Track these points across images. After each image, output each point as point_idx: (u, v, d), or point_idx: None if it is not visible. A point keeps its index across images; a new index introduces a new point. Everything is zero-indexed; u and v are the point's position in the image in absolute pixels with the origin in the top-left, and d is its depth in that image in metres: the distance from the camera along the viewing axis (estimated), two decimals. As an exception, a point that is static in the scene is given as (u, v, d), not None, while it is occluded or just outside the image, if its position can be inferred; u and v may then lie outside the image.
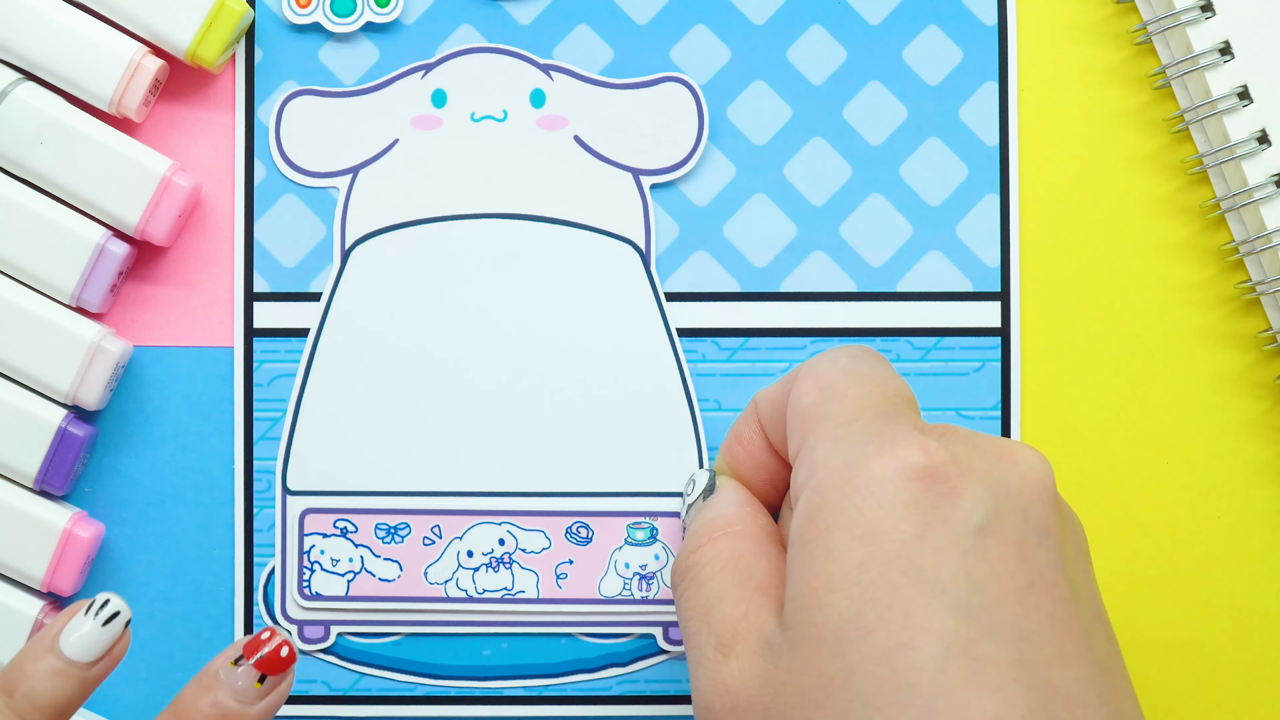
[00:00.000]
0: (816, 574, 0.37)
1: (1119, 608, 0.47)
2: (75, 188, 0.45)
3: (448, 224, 0.47)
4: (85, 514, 0.46)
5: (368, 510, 0.47)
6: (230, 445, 0.47)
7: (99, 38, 0.45)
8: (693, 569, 0.41)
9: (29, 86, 0.45)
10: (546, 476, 0.47)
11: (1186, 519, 0.47)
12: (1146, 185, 0.47)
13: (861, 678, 0.35)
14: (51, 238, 0.45)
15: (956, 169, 0.47)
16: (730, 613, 0.39)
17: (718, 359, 0.47)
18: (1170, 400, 0.47)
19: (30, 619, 0.45)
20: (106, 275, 0.45)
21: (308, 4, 0.47)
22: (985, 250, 0.47)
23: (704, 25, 0.47)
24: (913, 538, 0.36)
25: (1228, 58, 0.46)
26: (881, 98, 0.47)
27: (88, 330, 0.45)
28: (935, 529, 0.36)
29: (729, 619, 0.39)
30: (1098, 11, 0.47)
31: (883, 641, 0.35)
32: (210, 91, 0.47)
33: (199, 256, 0.47)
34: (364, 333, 0.47)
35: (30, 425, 0.45)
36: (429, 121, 0.47)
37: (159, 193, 0.45)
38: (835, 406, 0.40)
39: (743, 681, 0.38)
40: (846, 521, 0.37)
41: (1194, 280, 0.47)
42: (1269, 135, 0.46)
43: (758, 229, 0.47)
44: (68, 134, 0.45)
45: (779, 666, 0.37)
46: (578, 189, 0.47)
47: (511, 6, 0.47)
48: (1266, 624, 0.47)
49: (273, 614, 0.47)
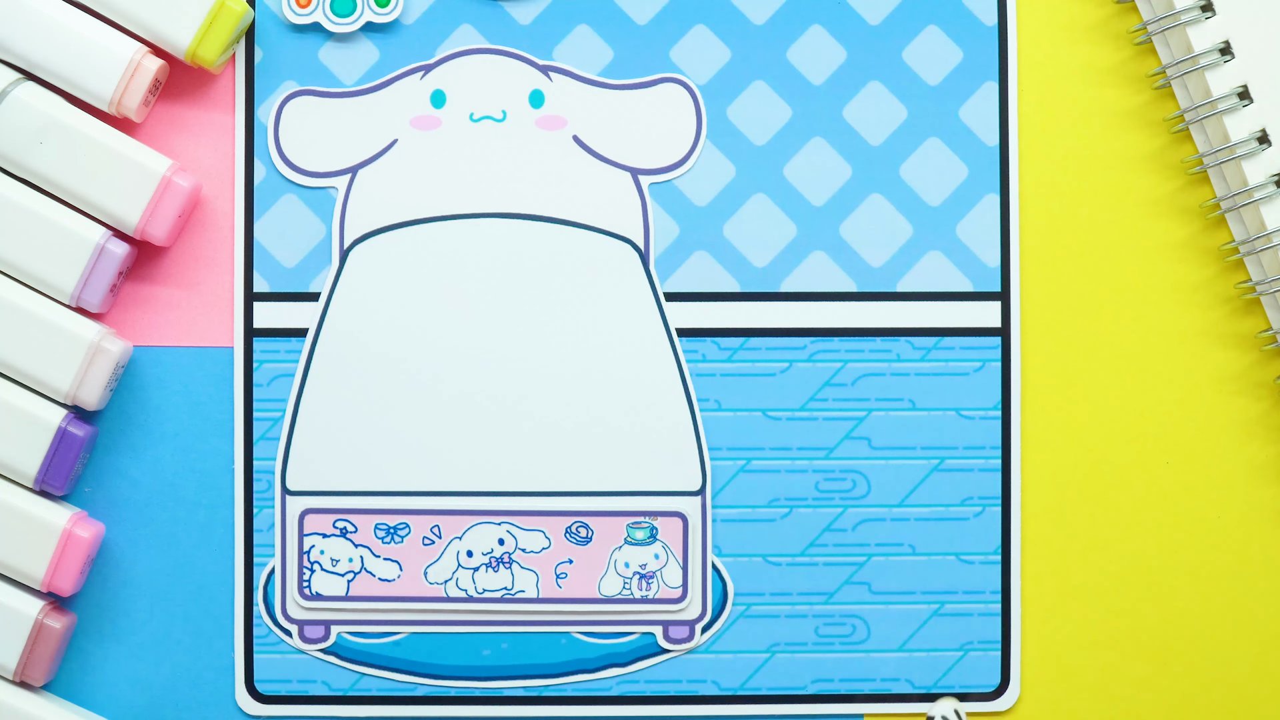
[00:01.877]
0: None
1: (1119, 607, 0.47)
2: (75, 188, 0.45)
3: (447, 224, 0.47)
4: (85, 514, 0.46)
5: (367, 510, 0.47)
6: (230, 445, 0.47)
7: (99, 38, 0.45)
8: None
9: (29, 86, 0.45)
10: (546, 476, 0.47)
11: (1186, 519, 0.47)
12: (1146, 185, 0.47)
13: None
14: (51, 238, 0.45)
15: (956, 169, 0.47)
16: None
17: (718, 359, 0.47)
18: (1170, 400, 0.47)
19: (30, 619, 0.45)
20: (106, 275, 0.45)
21: (308, 4, 0.47)
22: (985, 250, 0.47)
23: (704, 25, 0.47)
24: None
25: (1228, 58, 0.46)
26: (881, 98, 0.47)
27: (88, 330, 0.45)
28: None
29: None
30: (1098, 11, 0.47)
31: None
32: (210, 91, 0.47)
33: (199, 256, 0.47)
34: (363, 332, 0.47)
35: (30, 425, 0.45)
36: (428, 122, 0.47)
37: (159, 193, 0.45)
38: None
39: None
40: None
41: (1194, 280, 0.47)
42: (1269, 135, 0.46)
43: (758, 229, 0.47)
44: (68, 134, 0.45)
45: None
46: (577, 189, 0.47)
47: (511, 7, 0.47)
48: (1266, 624, 0.47)
49: (273, 614, 0.47)
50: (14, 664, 0.45)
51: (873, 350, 0.47)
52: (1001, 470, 0.47)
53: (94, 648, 0.47)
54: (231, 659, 0.47)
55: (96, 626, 0.47)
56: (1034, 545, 0.47)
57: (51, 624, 0.45)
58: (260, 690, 0.47)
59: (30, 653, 0.45)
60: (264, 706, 0.47)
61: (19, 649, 0.45)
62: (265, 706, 0.47)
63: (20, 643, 0.45)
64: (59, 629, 0.45)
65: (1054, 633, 0.47)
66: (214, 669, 0.47)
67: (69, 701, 0.47)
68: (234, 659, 0.47)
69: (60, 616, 0.46)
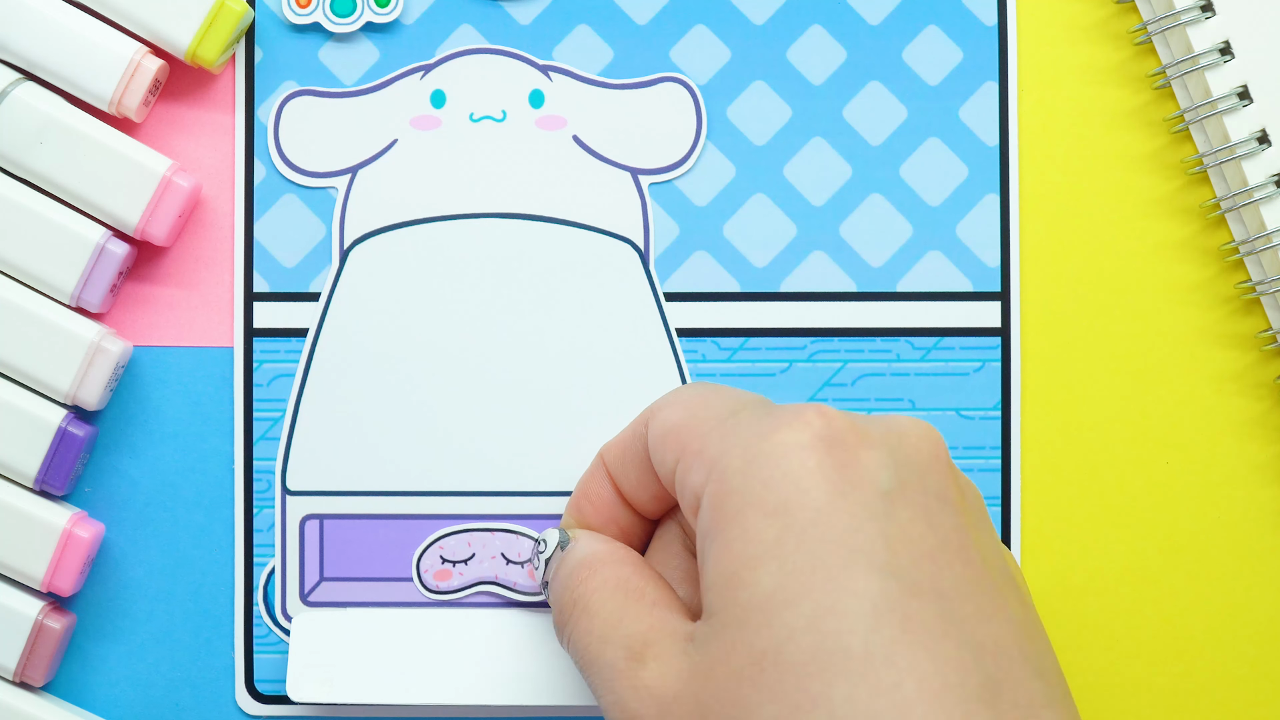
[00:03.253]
0: (734, 556, 0.36)
1: (1119, 607, 0.47)
2: (75, 188, 0.45)
3: (447, 224, 0.47)
4: (85, 514, 0.46)
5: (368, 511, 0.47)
6: (230, 445, 0.47)
7: (99, 37, 0.45)
8: (581, 599, 0.40)
9: (29, 86, 0.45)
10: (546, 476, 0.47)
11: (1186, 519, 0.47)
12: (1146, 185, 0.47)
13: (793, 648, 0.35)
14: (51, 238, 0.45)
15: (956, 169, 0.47)
16: (635, 627, 0.39)
17: (718, 359, 0.47)
18: (1170, 400, 0.47)
19: (30, 619, 0.45)
20: (106, 275, 0.45)
21: (308, 4, 0.47)
22: (985, 250, 0.47)
23: (704, 25, 0.47)
24: (825, 505, 0.36)
25: (1228, 58, 0.46)
26: (881, 98, 0.47)
27: (88, 330, 0.45)
28: (846, 494, 0.36)
29: (635, 632, 0.39)
30: (1098, 11, 0.47)
31: (809, 610, 0.35)
32: (210, 91, 0.47)
33: (199, 256, 0.47)
34: (363, 332, 0.47)
35: (30, 425, 0.45)
36: (428, 122, 0.47)
37: (159, 193, 0.45)
38: (709, 411, 0.40)
39: (665, 680, 0.37)
40: (756, 500, 0.37)
41: (1194, 280, 0.47)
42: (1269, 135, 0.46)
43: (758, 229, 0.47)
44: (68, 134, 0.45)
45: (705, 654, 0.36)
46: (577, 189, 0.47)
47: (511, 6, 0.47)
48: (1266, 624, 0.47)
49: (273, 614, 0.47)
50: (14, 664, 0.45)
51: (873, 350, 0.47)
52: (1001, 470, 0.47)
53: (94, 648, 0.47)
54: (231, 659, 0.47)
55: (96, 627, 0.47)
56: (1034, 545, 0.47)
57: (51, 624, 0.45)
58: (260, 690, 0.47)
59: (30, 653, 0.45)
60: (264, 706, 0.47)
61: (19, 649, 0.45)
62: (265, 706, 0.47)
63: (20, 643, 0.45)
64: (58, 629, 0.45)
65: (1053, 632, 0.47)
66: (214, 669, 0.47)
67: (68, 702, 0.47)
68: (234, 659, 0.47)
69: (60, 617, 0.46)
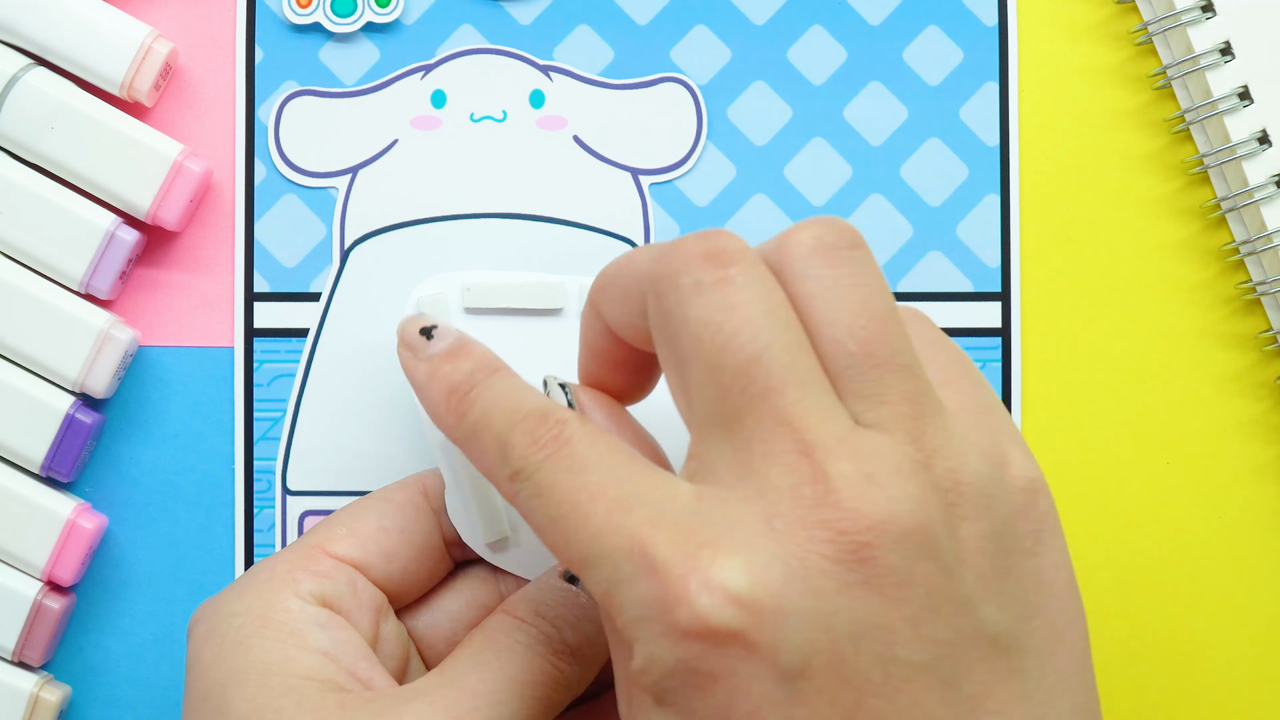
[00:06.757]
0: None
1: (1118, 607, 0.47)
2: (86, 172, 0.45)
3: (447, 224, 0.47)
4: (89, 505, 0.46)
5: (368, 510, 0.47)
6: (230, 445, 0.47)
7: (109, 21, 0.45)
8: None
9: (39, 71, 0.45)
10: (546, 476, 0.47)
11: (1186, 519, 0.47)
12: (1147, 185, 0.47)
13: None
14: (61, 224, 0.45)
15: (957, 169, 0.47)
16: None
17: (718, 359, 0.47)
18: (1170, 400, 0.47)
19: (29, 599, 0.45)
20: (116, 262, 0.45)
21: (308, 4, 0.47)
22: (985, 250, 0.47)
23: (704, 25, 0.47)
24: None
25: (1228, 58, 0.46)
26: (882, 98, 0.47)
27: (97, 318, 0.45)
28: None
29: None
30: (1098, 11, 0.47)
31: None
32: (210, 91, 0.47)
33: (204, 252, 0.47)
34: (364, 332, 0.47)
35: (38, 411, 0.45)
36: (429, 122, 0.47)
37: (170, 177, 0.45)
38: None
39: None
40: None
41: (1194, 280, 0.47)
42: (1269, 135, 0.46)
43: (758, 229, 0.47)
44: (78, 119, 0.45)
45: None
46: (577, 189, 0.47)
47: (512, 7, 0.47)
48: (1266, 624, 0.47)
49: (273, 614, 0.47)
50: (12, 644, 0.45)
51: (873, 350, 0.47)
52: (1001, 470, 0.47)
53: (93, 644, 0.47)
54: (232, 659, 0.47)
55: (96, 623, 0.47)
56: (1034, 545, 0.47)
57: (50, 604, 0.45)
58: (260, 690, 0.47)
59: (29, 633, 0.45)
60: (264, 706, 0.47)
61: (17, 629, 0.45)
62: (265, 706, 0.47)
63: (19, 623, 0.45)
64: (57, 609, 0.45)
65: (1054, 633, 0.47)
66: (214, 669, 0.47)
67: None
68: (234, 659, 0.47)
69: (59, 596, 0.46)
